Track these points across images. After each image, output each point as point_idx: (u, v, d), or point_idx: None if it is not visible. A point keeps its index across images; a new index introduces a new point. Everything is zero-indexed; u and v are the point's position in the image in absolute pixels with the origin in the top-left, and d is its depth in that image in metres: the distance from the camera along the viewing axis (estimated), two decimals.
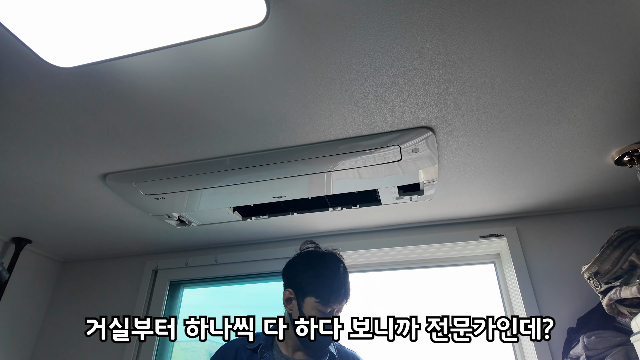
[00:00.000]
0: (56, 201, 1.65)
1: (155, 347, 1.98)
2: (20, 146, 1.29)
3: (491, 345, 1.73)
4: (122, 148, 1.31)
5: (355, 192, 1.57)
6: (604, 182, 1.51)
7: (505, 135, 1.25)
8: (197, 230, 1.95)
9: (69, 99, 1.08)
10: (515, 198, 1.65)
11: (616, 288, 1.11)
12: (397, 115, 1.16)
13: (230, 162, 1.38)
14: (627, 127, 1.21)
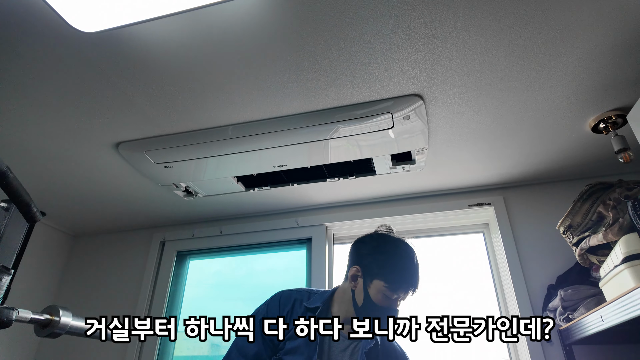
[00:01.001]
0: (70, 171, 1.76)
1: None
2: (39, 113, 1.39)
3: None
4: (135, 116, 1.41)
5: (351, 161, 1.68)
6: (583, 150, 1.61)
7: (489, 102, 1.36)
8: (202, 202, 2.06)
9: (88, 66, 1.18)
10: (502, 167, 1.76)
11: (586, 238, 1.22)
12: (389, 83, 1.26)
13: (234, 131, 1.48)
14: (602, 95, 1.32)
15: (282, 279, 2.20)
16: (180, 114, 1.41)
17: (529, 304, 1.63)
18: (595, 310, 1.16)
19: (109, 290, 2.26)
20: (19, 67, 1.19)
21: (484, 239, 2.01)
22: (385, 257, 1.15)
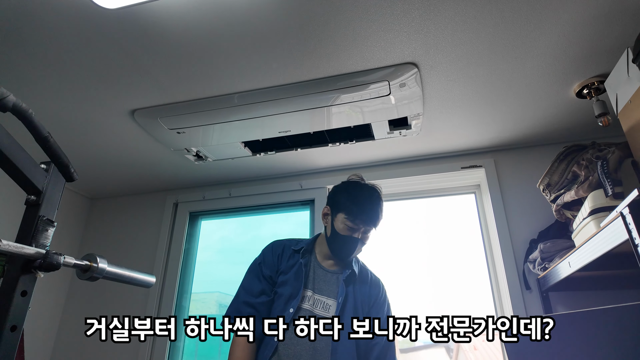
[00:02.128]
0: (89, 137, 1.89)
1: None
2: (61, 83, 1.50)
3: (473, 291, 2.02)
4: (149, 85, 1.52)
5: (351, 127, 1.80)
6: (568, 115, 1.72)
7: (479, 71, 1.45)
8: (212, 166, 2.20)
9: (107, 39, 1.29)
10: (493, 131, 1.87)
11: (562, 195, 1.36)
12: (385, 52, 1.36)
13: (239, 99, 1.59)
14: (585, 62, 1.41)
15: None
16: (191, 83, 1.51)
17: (513, 257, 1.80)
18: (565, 257, 1.32)
19: (127, 249, 2.45)
20: (43, 40, 1.29)
21: (475, 199, 2.15)
22: (349, 195, 1.32)
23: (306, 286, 1.30)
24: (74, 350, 2.26)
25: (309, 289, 1.30)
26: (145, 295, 2.26)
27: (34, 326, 2.20)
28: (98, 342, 2.24)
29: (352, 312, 1.27)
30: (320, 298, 1.29)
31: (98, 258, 0.98)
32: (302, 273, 1.31)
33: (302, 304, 1.27)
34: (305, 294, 1.29)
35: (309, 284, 1.31)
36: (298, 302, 1.26)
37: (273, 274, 1.33)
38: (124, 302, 2.29)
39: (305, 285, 1.30)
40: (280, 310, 1.26)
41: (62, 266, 0.87)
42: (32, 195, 0.92)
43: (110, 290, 2.34)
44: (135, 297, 2.28)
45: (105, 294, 2.35)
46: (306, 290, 1.30)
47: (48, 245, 0.91)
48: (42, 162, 0.95)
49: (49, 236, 0.93)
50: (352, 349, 1.23)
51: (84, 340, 2.27)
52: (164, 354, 2.12)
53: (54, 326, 2.34)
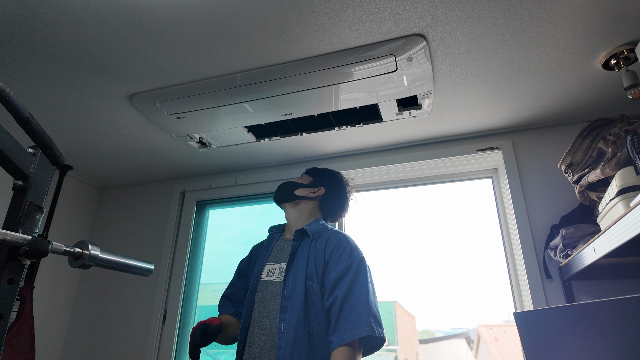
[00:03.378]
0: (91, 125, 1.86)
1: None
2: (58, 70, 1.47)
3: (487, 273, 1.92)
4: (145, 68, 1.46)
5: (357, 109, 1.71)
6: (593, 90, 1.58)
7: (493, 42, 1.34)
8: (217, 153, 2.15)
9: (100, 22, 1.23)
10: (510, 110, 1.74)
11: (586, 175, 1.24)
12: (389, 22, 1.26)
13: (241, 79, 1.52)
14: (613, 28, 1.27)
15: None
16: (189, 64, 1.45)
17: (532, 244, 1.68)
18: (589, 243, 1.20)
19: (136, 238, 2.44)
20: (38, 28, 1.25)
21: (492, 184, 2.03)
22: (342, 204, 1.57)
23: (268, 261, 1.42)
24: (85, 340, 2.28)
25: (269, 262, 1.41)
26: (153, 285, 2.25)
27: (46, 319, 2.23)
28: (109, 333, 2.25)
29: (300, 269, 1.31)
30: (273, 266, 1.39)
31: (90, 245, 0.93)
32: (268, 251, 1.46)
33: (261, 277, 1.38)
34: (266, 268, 1.40)
35: (272, 258, 1.42)
36: (258, 276, 1.38)
37: (245, 267, 1.53)
38: (133, 293, 2.29)
39: (268, 260, 1.42)
40: (251, 284, 1.40)
41: (51, 253, 0.83)
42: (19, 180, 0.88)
43: (119, 282, 2.34)
44: (144, 288, 2.27)
45: (114, 284, 2.35)
46: (268, 265, 1.41)
47: (36, 231, 0.87)
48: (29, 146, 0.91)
49: (38, 222, 0.88)
50: (298, 303, 1.24)
51: (95, 330, 2.28)
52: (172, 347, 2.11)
53: (65, 318, 2.36)
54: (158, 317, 2.16)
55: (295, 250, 1.37)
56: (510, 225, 1.85)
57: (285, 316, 1.23)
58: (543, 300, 1.61)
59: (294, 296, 1.26)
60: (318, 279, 1.28)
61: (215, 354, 2.18)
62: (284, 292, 1.27)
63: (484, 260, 2.00)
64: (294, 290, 1.27)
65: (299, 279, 1.28)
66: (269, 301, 1.31)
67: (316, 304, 1.25)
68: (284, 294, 1.27)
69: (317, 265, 1.31)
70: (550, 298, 1.62)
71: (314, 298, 1.25)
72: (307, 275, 1.29)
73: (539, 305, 1.61)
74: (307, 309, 1.23)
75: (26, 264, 0.83)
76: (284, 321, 1.22)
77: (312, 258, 1.32)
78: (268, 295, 1.32)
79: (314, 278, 1.28)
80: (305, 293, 1.25)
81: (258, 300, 1.33)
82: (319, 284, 1.28)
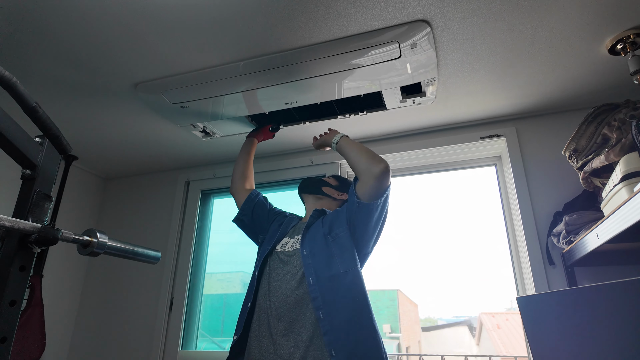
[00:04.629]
0: (96, 115, 1.87)
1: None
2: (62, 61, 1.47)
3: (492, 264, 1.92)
4: (149, 56, 1.46)
5: (361, 97, 1.70)
6: (599, 75, 1.56)
7: (498, 26, 1.32)
8: (221, 143, 2.16)
9: (103, 11, 1.23)
10: (514, 97, 1.73)
11: (590, 161, 1.23)
12: (393, 7, 1.25)
13: (244, 67, 1.52)
14: (620, 12, 1.25)
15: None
16: (193, 53, 1.45)
17: (535, 231, 1.69)
18: (592, 229, 1.21)
19: (141, 228, 2.47)
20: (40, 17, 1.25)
21: (496, 171, 2.03)
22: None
23: (284, 236, 1.48)
24: (94, 327, 2.32)
25: (285, 237, 1.47)
26: (159, 274, 2.28)
27: (54, 307, 2.26)
28: (117, 319, 2.29)
29: (316, 233, 1.38)
30: (288, 240, 1.46)
31: (98, 233, 0.95)
32: (285, 227, 1.52)
33: (276, 248, 1.44)
34: (281, 241, 1.46)
35: (288, 235, 1.48)
36: (271, 245, 1.45)
37: (267, 211, 1.66)
38: (140, 281, 2.32)
39: (284, 235, 1.48)
40: (262, 251, 1.47)
41: (60, 241, 0.85)
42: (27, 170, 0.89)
43: (126, 270, 2.37)
44: (151, 276, 2.30)
45: (122, 273, 2.38)
46: (283, 239, 1.47)
47: (45, 220, 0.88)
48: (37, 135, 0.92)
49: (47, 211, 0.90)
50: (320, 257, 1.30)
51: (103, 318, 2.32)
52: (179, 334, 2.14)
53: (74, 306, 2.40)
54: (165, 305, 2.19)
55: (311, 224, 1.44)
56: (513, 212, 1.85)
57: (311, 271, 1.27)
58: (546, 286, 1.63)
59: (314, 253, 1.31)
60: (341, 226, 1.36)
61: (219, 342, 2.22)
62: (303, 252, 1.32)
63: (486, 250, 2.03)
64: (312, 247, 1.33)
65: (317, 238, 1.35)
66: (282, 267, 1.36)
67: (342, 245, 1.31)
68: (304, 254, 1.32)
69: (336, 219, 1.39)
70: (552, 284, 1.63)
71: (339, 241, 1.32)
72: (325, 233, 1.36)
73: (542, 291, 1.63)
74: (331, 257, 1.29)
75: (36, 252, 0.85)
76: (311, 275, 1.25)
77: (328, 221, 1.40)
78: (283, 259, 1.38)
79: (334, 228, 1.37)
80: (326, 246, 1.32)
81: (271, 267, 1.38)
82: (346, 226, 1.35)
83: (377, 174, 1.27)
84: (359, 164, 1.33)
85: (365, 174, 1.30)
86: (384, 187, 1.31)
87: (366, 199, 1.30)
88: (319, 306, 1.18)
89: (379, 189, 1.29)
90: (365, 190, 1.31)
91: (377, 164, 1.29)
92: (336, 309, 1.18)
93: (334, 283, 1.22)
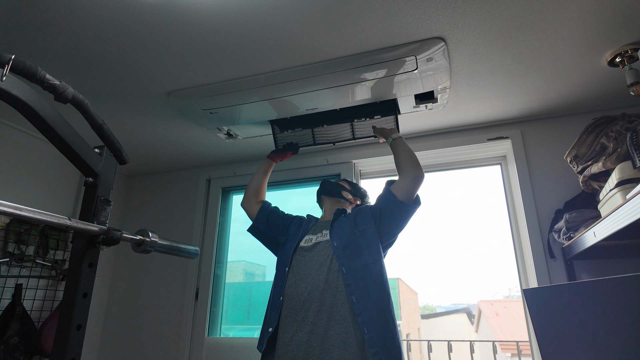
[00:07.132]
0: (127, 118, 1.99)
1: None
2: (102, 71, 1.59)
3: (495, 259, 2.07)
4: (183, 68, 1.59)
5: (377, 102, 1.83)
6: (599, 85, 1.69)
7: (508, 42, 1.45)
8: (242, 143, 2.29)
9: (145, 27, 1.35)
10: (520, 103, 1.86)
11: (589, 167, 1.37)
12: (412, 27, 1.37)
13: (270, 78, 1.64)
14: (619, 29, 1.38)
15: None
16: (223, 65, 1.57)
17: (537, 226, 1.83)
18: (590, 227, 1.35)
19: (165, 223, 2.61)
20: (83, 31, 1.37)
21: (501, 170, 2.17)
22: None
23: (307, 233, 1.62)
24: (124, 316, 2.48)
25: (308, 234, 1.61)
26: (185, 266, 2.43)
27: None
28: (145, 310, 2.44)
29: (343, 228, 1.53)
30: (311, 236, 1.59)
31: (150, 233, 1.09)
32: (307, 226, 1.66)
33: (300, 244, 1.57)
34: (304, 238, 1.60)
35: (310, 232, 1.62)
36: (295, 241, 1.58)
37: (281, 218, 1.78)
38: (167, 273, 2.47)
39: (307, 232, 1.62)
40: (287, 249, 1.61)
41: (121, 241, 0.98)
42: (89, 177, 1.02)
43: (153, 262, 2.52)
44: (177, 268, 2.45)
45: (149, 265, 2.53)
46: (306, 236, 1.61)
47: (107, 222, 1.02)
48: (95, 146, 1.05)
49: (107, 214, 1.04)
50: (350, 248, 1.44)
51: (132, 308, 2.48)
52: (205, 322, 2.30)
53: (104, 297, 2.56)
54: (191, 295, 2.35)
55: (335, 220, 1.59)
56: (517, 209, 2.00)
57: (343, 261, 1.41)
58: (547, 277, 1.78)
59: (344, 245, 1.45)
60: (367, 222, 1.51)
61: (225, 329, 2.38)
62: (334, 244, 1.47)
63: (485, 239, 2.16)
64: (341, 240, 1.47)
65: (345, 232, 1.49)
66: (309, 258, 1.49)
67: (369, 239, 1.46)
68: (334, 245, 1.46)
69: (360, 217, 1.54)
70: (553, 276, 1.78)
71: (366, 235, 1.47)
72: (352, 227, 1.51)
73: (543, 282, 1.78)
74: (359, 249, 1.44)
75: (103, 250, 0.99)
76: (344, 265, 1.40)
77: (352, 217, 1.55)
78: (308, 250, 1.52)
79: (359, 224, 1.51)
80: (354, 239, 1.46)
81: (297, 261, 1.52)
82: (373, 222, 1.50)
83: (416, 176, 1.50)
84: (406, 163, 1.55)
85: (407, 172, 1.51)
86: (416, 188, 1.51)
87: (405, 198, 1.49)
88: (352, 291, 1.35)
89: (412, 188, 1.50)
90: (401, 187, 1.51)
91: (419, 169, 1.53)
92: (367, 294, 1.35)
93: (365, 272, 1.39)
